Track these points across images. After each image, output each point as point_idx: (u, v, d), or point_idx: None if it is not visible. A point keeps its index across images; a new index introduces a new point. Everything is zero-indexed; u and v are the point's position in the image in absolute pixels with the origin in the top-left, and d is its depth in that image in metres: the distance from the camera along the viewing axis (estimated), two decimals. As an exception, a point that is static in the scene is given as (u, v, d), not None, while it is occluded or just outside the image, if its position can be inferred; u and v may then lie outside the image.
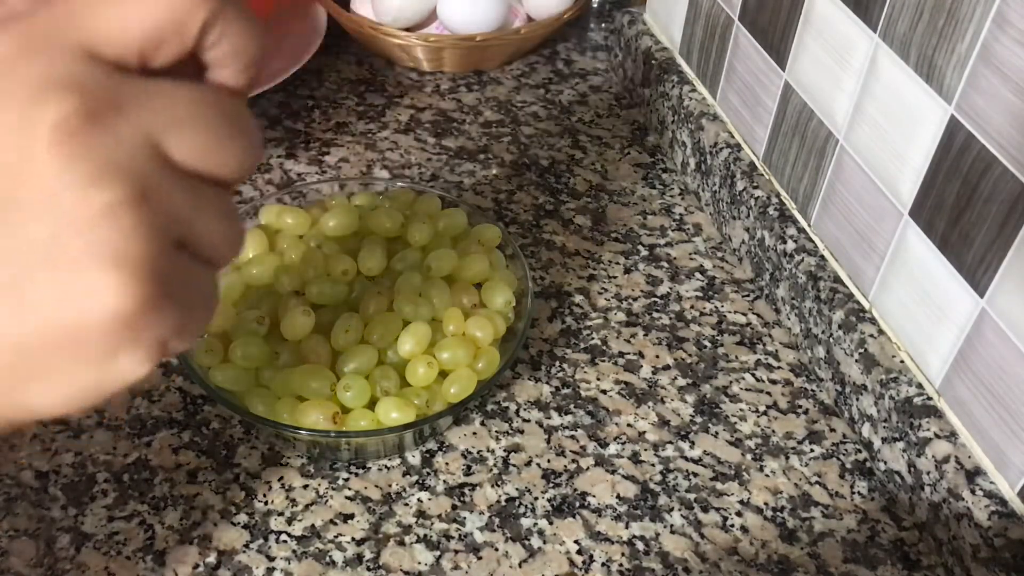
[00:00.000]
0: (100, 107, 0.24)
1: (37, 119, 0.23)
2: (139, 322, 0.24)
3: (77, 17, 0.24)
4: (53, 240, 0.23)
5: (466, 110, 0.87)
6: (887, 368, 0.58)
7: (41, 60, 0.23)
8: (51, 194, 0.23)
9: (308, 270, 0.59)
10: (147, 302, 0.24)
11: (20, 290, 0.24)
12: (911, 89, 0.54)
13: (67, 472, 0.56)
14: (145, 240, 0.24)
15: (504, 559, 0.53)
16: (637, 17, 0.90)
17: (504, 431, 0.60)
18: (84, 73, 0.24)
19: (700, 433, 0.61)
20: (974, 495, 0.51)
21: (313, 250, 0.61)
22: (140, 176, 0.24)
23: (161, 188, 0.24)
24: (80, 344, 0.24)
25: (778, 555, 0.54)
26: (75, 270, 0.23)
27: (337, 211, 0.62)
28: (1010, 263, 0.49)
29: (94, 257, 0.23)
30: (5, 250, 0.23)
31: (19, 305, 0.24)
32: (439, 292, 0.59)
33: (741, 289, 0.71)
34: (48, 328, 0.24)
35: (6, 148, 0.23)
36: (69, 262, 0.23)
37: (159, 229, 0.24)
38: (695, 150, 0.78)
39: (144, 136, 0.24)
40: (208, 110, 0.26)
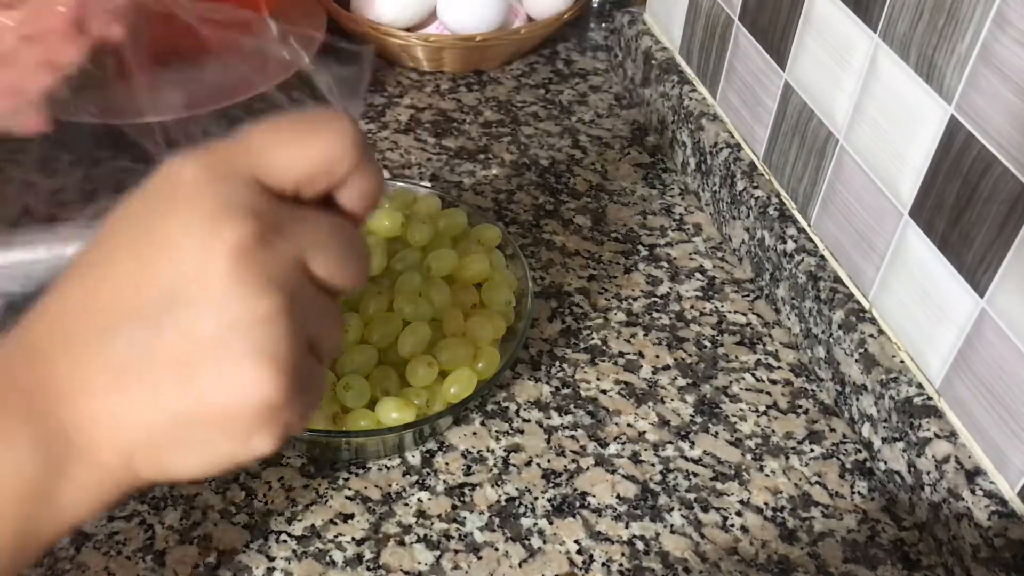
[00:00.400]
0: (267, 231, 0.29)
1: (220, 236, 0.28)
2: (279, 410, 0.30)
3: (253, 154, 0.30)
4: (219, 337, 0.28)
5: (466, 110, 0.87)
6: (887, 368, 0.58)
7: (225, 186, 0.29)
8: (222, 299, 0.28)
9: None
10: (288, 395, 0.29)
11: (189, 374, 0.29)
12: (911, 89, 0.54)
13: (67, 472, 0.56)
14: (292, 343, 0.29)
15: (504, 559, 0.53)
16: (637, 17, 0.90)
17: (504, 431, 0.60)
18: (256, 200, 0.29)
19: (700, 433, 0.61)
20: (974, 495, 0.51)
21: None
22: (291, 289, 0.29)
23: (304, 299, 0.30)
24: (229, 424, 0.29)
25: (778, 555, 0.54)
26: (236, 364, 0.28)
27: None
28: (1010, 263, 0.49)
29: (253, 356, 0.28)
30: (179, 340, 0.28)
31: (187, 386, 0.29)
32: (439, 292, 0.59)
33: (741, 289, 0.71)
34: (207, 408, 0.29)
35: (191, 256, 0.28)
36: (232, 357, 0.28)
37: (301, 334, 0.30)
38: (695, 150, 0.78)
39: (295, 255, 0.30)
40: (341, 235, 0.31)
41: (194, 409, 0.29)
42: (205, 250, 0.28)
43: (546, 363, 0.64)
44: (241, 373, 0.29)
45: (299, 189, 0.31)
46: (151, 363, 0.29)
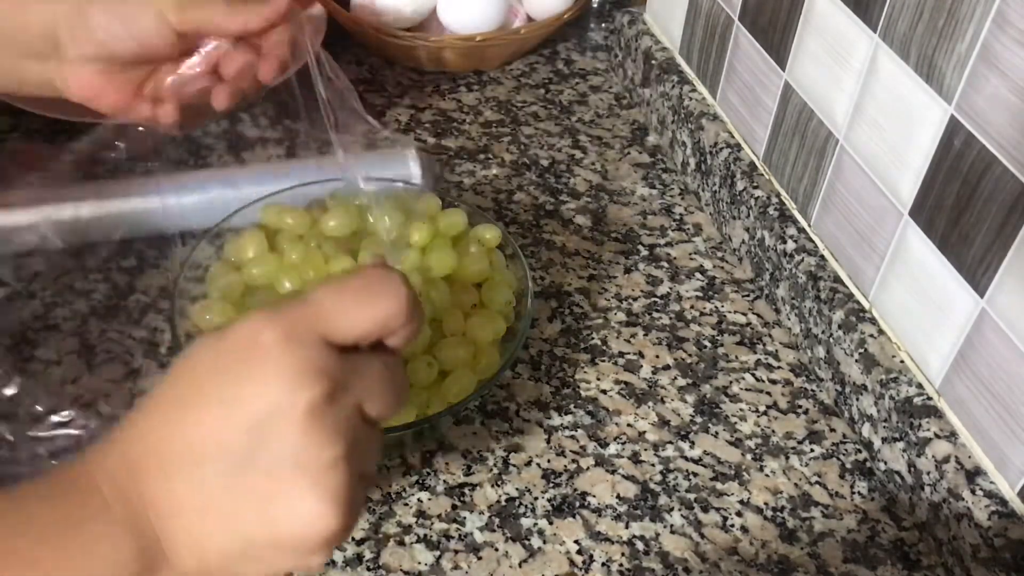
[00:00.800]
0: (336, 389, 0.34)
1: (297, 396, 0.33)
2: (337, 536, 0.35)
3: (322, 318, 0.35)
4: (293, 479, 0.34)
5: (466, 110, 0.87)
6: (887, 368, 0.58)
7: (300, 350, 0.34)
8: (297, 448, 0.33)
9: (308, 270, 0.59)
10: (346, 523, 0.35)
11: (265, 507, 0.34)
12: (911, 89, 0.54)
13: (67, 472, 0.56)
14: (350, 482, 0.35)
15: (504, 559, 0.53)
16: (637, 17, 0.90)
17: (504, 431, 0.60)
18: (326, 362, 0.34)
19: (700, 433, 0.61)
20: (974, 495, 0.51)
21: (313, 250, 0.61)
22: (351, 435, 0.35)
23: (360, 440, 0.35)
24: (295, 547, 0.35)
25: (778, 555, 0.54)
26: (307, 502, 0.34)
27: (337, 211, 0.62)
28: (1010, 263, 0.49)
29: (322, 496, 0.34)
30: (259, 478, 0.34)
31: (262, 517, 0.34)
32: (439, 292, 0.59)
33: (741, 289, 0.71)
34: (278, 536, 0.34)
35: (271, 409, 0.33)
36: (303, 496, 0.34)
37: (356, 470, 0.35)
38: (695, 150, 0.78)
39: (355, 403, 0.35)
40: (388, 375, 0.36)
41: (267, 535, 0.35)
42: (284, 406, 0.33)
43: (546, 363, 0.64)
44: (310, 510, 0.34)
45: (358, 342, 0.36)
46: (234, 495, 0.34)
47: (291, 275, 0.59)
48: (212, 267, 0.61)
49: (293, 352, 0.34)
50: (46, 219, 0.66)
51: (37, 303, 0.65)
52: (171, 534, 0.35)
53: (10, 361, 0.60)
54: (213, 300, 0.58)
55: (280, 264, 0.60)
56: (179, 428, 0.35)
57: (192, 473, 0.34)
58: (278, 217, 0.63)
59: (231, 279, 0.60)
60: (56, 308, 0.65)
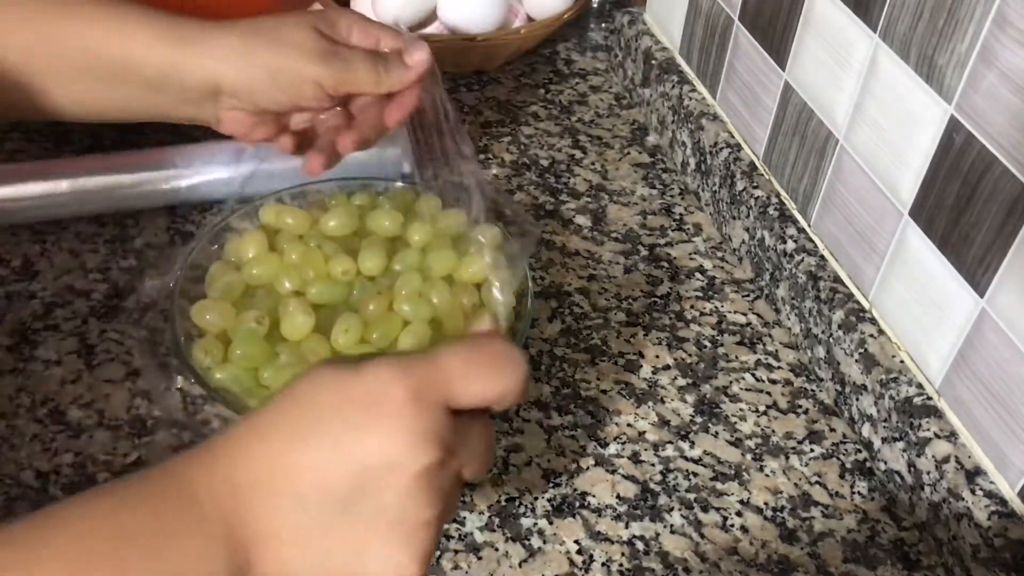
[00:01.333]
0: (447, 457, 0.36)
1: (413, 457, 0.35)
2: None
3: (449, 385, 0.37)
4: (389, 530, 0.36)
5: (466, 110, 0.87)
6: (887, 368, 0.58)
7: (425, 414, 0.36)
8: (399, 504, 0.36)
9: (308, 270, 0.59)
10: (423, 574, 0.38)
11: (358, 550, 0.36)
12: (911, 89, 0.54)
13: (67, 472, 0.56)
14: (437, 540, 0.38)
15: (504, 559, 0.53)
16: (637, 17, 0.90)
17: (504, 431, 0.60)
18: (445, 430, 0.36)
19: (700, 433, 0.61)
20: (974, 495, 0.51)
21: (313, 250, 0.61)
22: (449, 498, 0.38)
23: (452, 499, 0.38)
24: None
25: (778, 555, 0.54)
26: (397, 552, 0.36)
27: (337, 211, 0.62)
28: (1010, 263, 0.49)
29: (412, 552, 0.37)
30: (357, 523, 0.36)
31: (353, 558, 0.37)
32: (439, 292, 0.59)
33: (741, 289, 0.71)
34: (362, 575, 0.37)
35: (385, 464, 0.35)
36: (395, 547, 0.36)
37: (443, 526, 0.38)
38: (695, 150, 0.78)
39: (458, 469, 0.38)
40: (489, 442, 0.40)
41: (351, 574, 0.37)
42: (400, 464, 0.35)
43: (546, 363, 0.64)
44: (399, 562, 0.37)
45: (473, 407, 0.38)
46: (329, 534, 0.36)
47: (291, 275, 0.59)
48: (212, 267, 0.61)
49: (419, 414, 0.36)
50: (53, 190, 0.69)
51: (37, 303, 0.65)
52: (262, 558, 0.36)
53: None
54: (213, 300, 0.58)
55: (280, 264, 0.60)
56: (291, 460, 0.36)
57: (295, 506, 0.36)
58: (278, 217, 0.63)
59: (231, 279, 0.60)
60: (56, 308, 0.65)
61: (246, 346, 0.55)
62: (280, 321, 0.57)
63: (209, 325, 0.57)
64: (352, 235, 0.62)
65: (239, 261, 0.61)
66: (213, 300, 0.59)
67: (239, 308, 0.58)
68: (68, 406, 0.59)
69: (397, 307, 0.58)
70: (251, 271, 0.60)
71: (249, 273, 0.60)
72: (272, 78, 0.55)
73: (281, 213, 0.63)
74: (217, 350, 0.55)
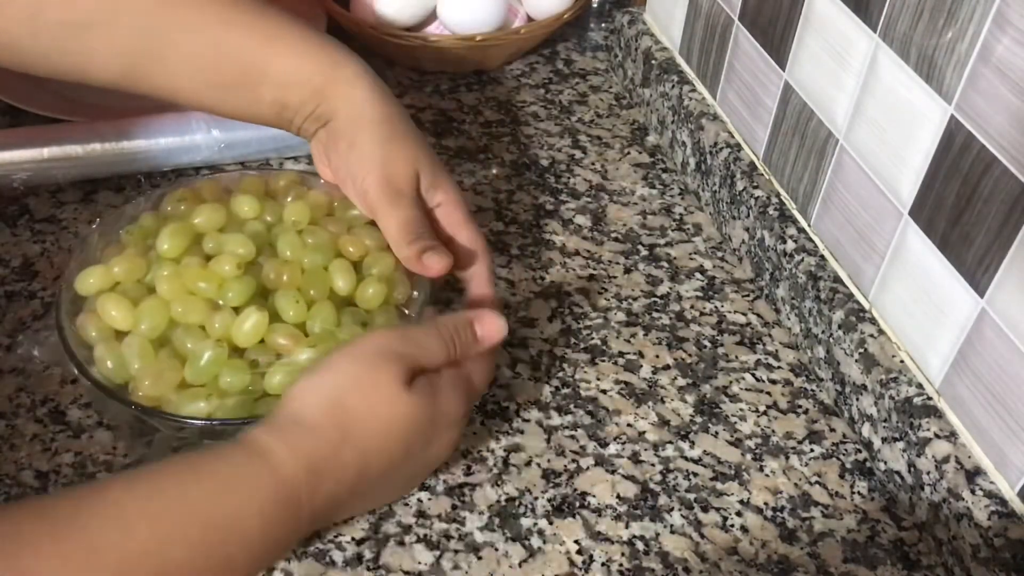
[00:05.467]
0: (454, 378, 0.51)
1: (453, 442, 0.52)
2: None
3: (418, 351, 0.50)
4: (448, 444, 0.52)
5: (466, 110, 0.87)
6: (887, 368, 0.58)
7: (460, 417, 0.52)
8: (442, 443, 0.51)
9: (197, 300, 0.55)
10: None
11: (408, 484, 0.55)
12: (911, 89, 0.54)
13: (67, 472, 0.56)
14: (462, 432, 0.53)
15: (504, 559, 0.53)
16: (637, 17, 0.90)
17: (504, 431, 0.60)
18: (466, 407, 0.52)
19: (700, 433, 0.61)
20: (974, 495, 0.51)
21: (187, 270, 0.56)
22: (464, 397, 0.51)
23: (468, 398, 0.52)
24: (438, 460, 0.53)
25: (778, 555, 0.54)
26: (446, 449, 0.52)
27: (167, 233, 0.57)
28: (1010, 263, 0.49)
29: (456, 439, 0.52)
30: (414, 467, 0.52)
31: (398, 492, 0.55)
32: (318, 234, 0.58)
33: (741, 289, 0.71)
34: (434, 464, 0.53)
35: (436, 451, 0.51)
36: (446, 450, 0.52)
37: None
38: (695, 150, 0.78)
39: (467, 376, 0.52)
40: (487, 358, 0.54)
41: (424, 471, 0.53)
42: (444, 447, 0.51)
43: (546, 363, 0.64)
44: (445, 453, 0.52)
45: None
46: (389, 489, 0.52)
47: (189, 307, 0.55)
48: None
49: (461, 424, 0.51)
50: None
51: (37, 303, 0.65)
52: (324, 511, 0.46)
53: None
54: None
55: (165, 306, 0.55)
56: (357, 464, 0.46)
57: (359, 491, 0.48)
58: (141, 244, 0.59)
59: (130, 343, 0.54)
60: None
61: (227, 375, 0.53)
62: (231, 335, 0.54)
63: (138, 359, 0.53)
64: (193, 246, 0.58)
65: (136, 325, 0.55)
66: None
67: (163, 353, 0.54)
68: (68, 406, 0.59)
69: (305, 260, 0.57)
70: (141, 328, 0.54)
71: (143, 331, 0.54)
72: (348, 159, 0.59)
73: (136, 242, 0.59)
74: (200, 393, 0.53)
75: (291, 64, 0.57)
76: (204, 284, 0.55)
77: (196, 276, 0.55)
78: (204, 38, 0.57)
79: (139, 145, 0.74)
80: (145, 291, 0.56)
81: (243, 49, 0.57)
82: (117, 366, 0.53)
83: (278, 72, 0.57)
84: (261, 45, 0.57)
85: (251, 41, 0.57)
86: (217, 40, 0.57)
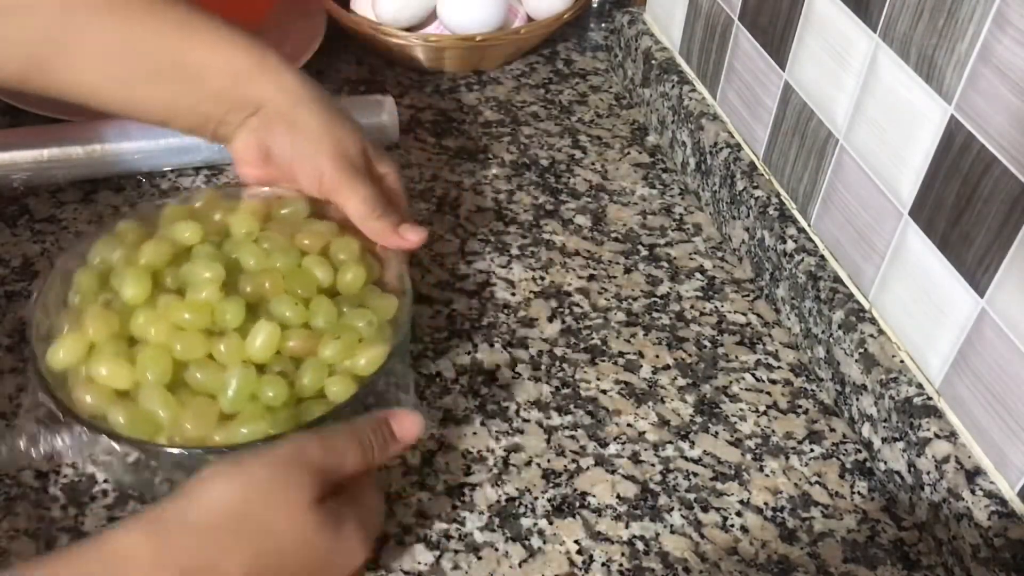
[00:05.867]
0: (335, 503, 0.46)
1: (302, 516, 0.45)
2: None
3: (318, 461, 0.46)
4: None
5: (466, 110, 0.87)
6: (887, 368, 0.58)
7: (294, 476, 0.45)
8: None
9: (192, 334, 0.53)
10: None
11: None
12: (911, 89, 0.54)
13: (67, 472, 0.56)
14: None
15: (504, 559, 0.53)
16: (637, 17, 0.90)
17: (504, 431, 0.60)
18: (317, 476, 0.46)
19: (700, 433, 0.61)
20: (974, 495, 0.51)
21: (176, 325, 0.53)
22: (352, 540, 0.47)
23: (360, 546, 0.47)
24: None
25: (778, 555, 0.54)
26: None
27: (127, 275, 0.55)
28: (1010, 263, 0.49)
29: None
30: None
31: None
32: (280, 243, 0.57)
33: (741, 289, 0.71)
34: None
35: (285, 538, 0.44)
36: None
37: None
38: (695, 150, 0.78)
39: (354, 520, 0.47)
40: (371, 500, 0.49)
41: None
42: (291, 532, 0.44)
43: (546, 363, 0.64)
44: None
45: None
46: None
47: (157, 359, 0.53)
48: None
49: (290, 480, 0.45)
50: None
51: (37, 303, 0.65)
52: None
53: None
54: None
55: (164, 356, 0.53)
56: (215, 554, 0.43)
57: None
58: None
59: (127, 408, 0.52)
60: (56, 308, 0.65)
61: (247, 388, 0.51)
62: (246, 355, 0.53)
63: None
64: (172, 261, 0.57)
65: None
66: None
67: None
68: (68, 406, 0.59)
69: (277, 264, 0.56)
70: (150, 375, 0.52)
71: (156, 376, 0.52)
72: (294, 141, 0.56)
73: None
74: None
75: (209, 53, 0.55)
76: (191, 316, 0.53)
77: (181, 310, 0.53)
78: (113, 30, 0.54)
79: (139, 145, 0.74)
80: (124, 344, 0.53)
81: (155, 41, 0.54)
82: (139, 424, 0.50)
83: (195, 62, 0.54)
84: (176, 37, 0.55)
85: (164, 34, 0.55)
86: (127, 32, 0.54)
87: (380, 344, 0.54)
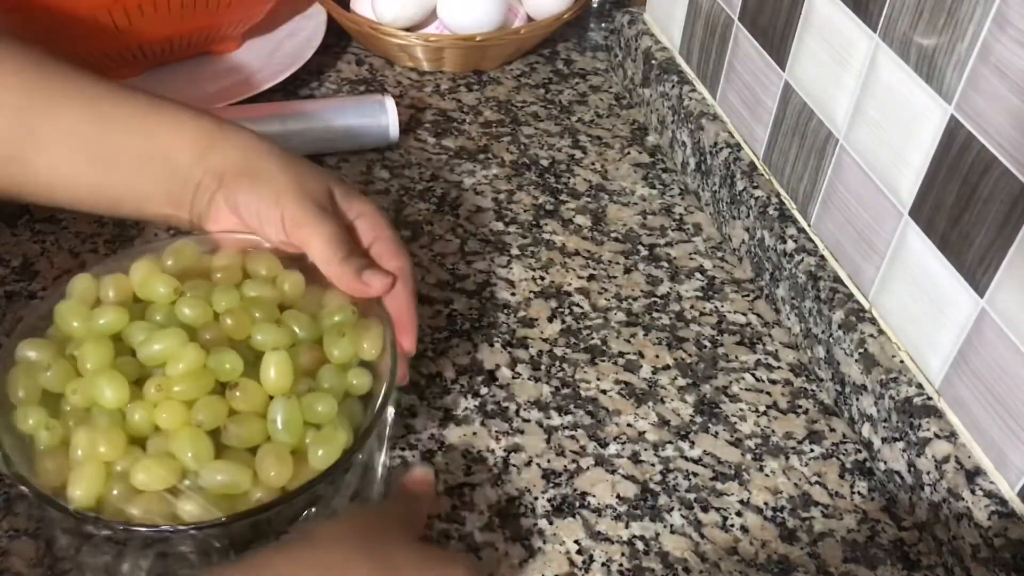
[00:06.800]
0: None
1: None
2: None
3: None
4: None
5: (466, 110, 0.87)
6: (887, 368, 0.58)
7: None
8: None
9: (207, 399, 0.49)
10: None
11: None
12: (911, 89, 0.54)
13: (67, 472, 0.56)
14: None
15: (504, 559, 0.53)
16: (637, 17, 0.90)
17: (504, 431, 0.60)
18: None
19: (700, 433, 0.61)
20: (974, 495, 0.52)
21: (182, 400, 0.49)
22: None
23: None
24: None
25: (778, 555, 0.54)
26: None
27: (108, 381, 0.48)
28: (1010, 263, 0.49)
29: None
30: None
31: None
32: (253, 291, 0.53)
33: (741, 289, 0.71)
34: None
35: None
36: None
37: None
38: (695, 150, 0.78)
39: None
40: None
41: None
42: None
43: (546, 363, 0.64)
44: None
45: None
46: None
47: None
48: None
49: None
50: None
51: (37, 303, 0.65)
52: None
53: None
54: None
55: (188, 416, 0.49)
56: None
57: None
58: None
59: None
60: (56, 308, 0.65)
61: (297, 417, 0.48)
62: (268, 389, 0.50)
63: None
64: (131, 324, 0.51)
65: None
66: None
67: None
68: (68, 406, 0.59)
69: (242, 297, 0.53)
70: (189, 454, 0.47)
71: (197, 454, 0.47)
72: (256, 188, 0.54)
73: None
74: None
75: (175, 130, 0.55)
76: (183, 388, 0.48)
77: (176, 384, 0.48)
78: (80, 114, 0.54)
79: None
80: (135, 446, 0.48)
81: (124, 123, 0.55)
82: (222, 501, 0.46)
83: (165, 137, 0.55)
84: (141, 117, 0.55)
85: (131, 116, 0.55)
86: (94, 115, 0.54)
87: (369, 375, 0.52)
